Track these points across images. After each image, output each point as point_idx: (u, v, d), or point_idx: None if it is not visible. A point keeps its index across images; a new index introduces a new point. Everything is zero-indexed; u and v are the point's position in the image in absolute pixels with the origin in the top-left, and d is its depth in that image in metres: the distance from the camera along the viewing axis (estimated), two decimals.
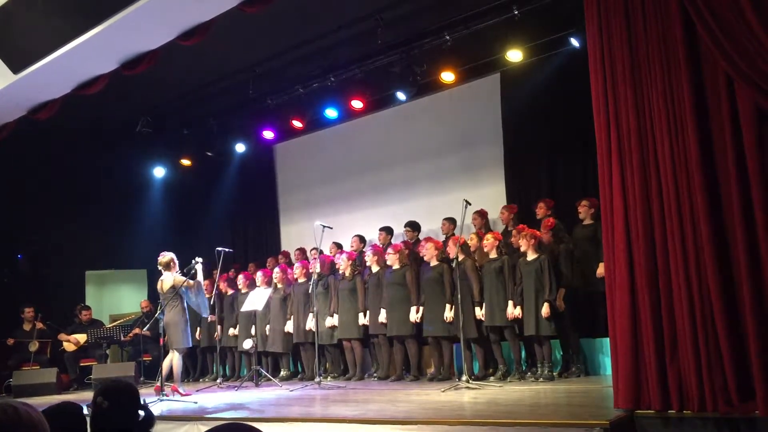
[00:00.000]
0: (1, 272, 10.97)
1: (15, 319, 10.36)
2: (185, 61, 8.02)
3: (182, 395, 7.45)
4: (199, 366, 10.33)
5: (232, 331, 9.52)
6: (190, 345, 7.96)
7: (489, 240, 7.28)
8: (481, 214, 8.33)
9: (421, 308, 7.62)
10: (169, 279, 7.59)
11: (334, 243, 9.52)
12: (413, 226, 8.97)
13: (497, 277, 7.12)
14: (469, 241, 7.50)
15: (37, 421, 1.82)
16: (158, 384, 7.38)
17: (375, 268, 8.16)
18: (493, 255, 7.24)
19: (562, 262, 7.12)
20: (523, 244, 7.01)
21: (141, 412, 2.28)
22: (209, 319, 9.43)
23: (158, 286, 7.72)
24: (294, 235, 11.23)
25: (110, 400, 2.24)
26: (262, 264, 10.25)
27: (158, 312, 7.46)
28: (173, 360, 7.59)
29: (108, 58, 7.06)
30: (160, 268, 7.69)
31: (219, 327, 9.60)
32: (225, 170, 11.85)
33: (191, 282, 7.58)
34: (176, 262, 7.70)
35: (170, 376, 7.79)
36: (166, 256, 7.68)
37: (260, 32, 7.94)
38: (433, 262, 7.61)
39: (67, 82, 7.49)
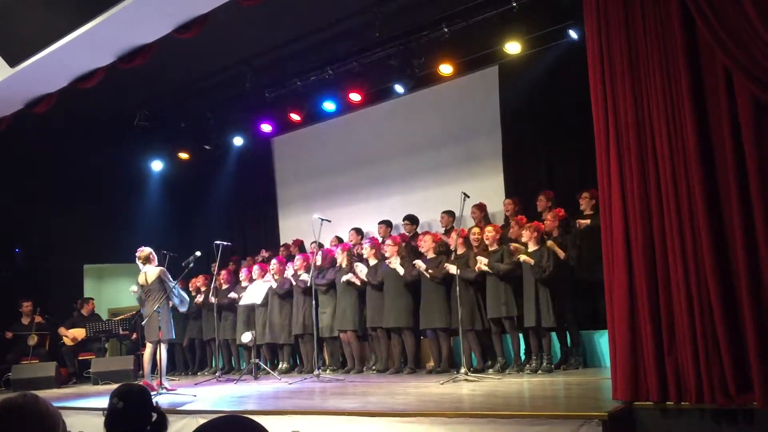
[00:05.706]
0: None
1: (13, 313, 10.36)
2: (182, 54, 7.98)
3: (155, 390, 7.23)
4: (197, 359, 10.34)
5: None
6: (173, 337, 7.95)
7: (490, 232, 7.28)
8: (480, 207, 8.34)
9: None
10: (152, 271, 7.61)
11: (336, 237, 9.51)
12: (412, 220, 8.97)
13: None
14: (471, 235, 7.50)
15: (53, 413, 1.89)
16: (146, 379, 7.41)
17: (372, 261, 8.16)
18: (493, 247, 7.23)
19: (571, 250, 7.10)
20: (525, 236, 7.00)
21: (154, 414, 2.37)
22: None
23: (141, 279, 7.68)
24: (292, 228, 11.22)
25: (125, 401, 2.35)
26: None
27: (156, 307, 7.41)
28: (159, 352, 7.42)
29: (105, 52, 7.04)
30: (139, 262, 7.71)
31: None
32: (223, 163, 11.85)
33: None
34: (155, 256, 7.79)
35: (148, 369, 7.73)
36: (145, 251, 7.74)
37: (257, 25, 7.92)
38: (431, 255, 7.60)
39: (64, 75, 7.47)
